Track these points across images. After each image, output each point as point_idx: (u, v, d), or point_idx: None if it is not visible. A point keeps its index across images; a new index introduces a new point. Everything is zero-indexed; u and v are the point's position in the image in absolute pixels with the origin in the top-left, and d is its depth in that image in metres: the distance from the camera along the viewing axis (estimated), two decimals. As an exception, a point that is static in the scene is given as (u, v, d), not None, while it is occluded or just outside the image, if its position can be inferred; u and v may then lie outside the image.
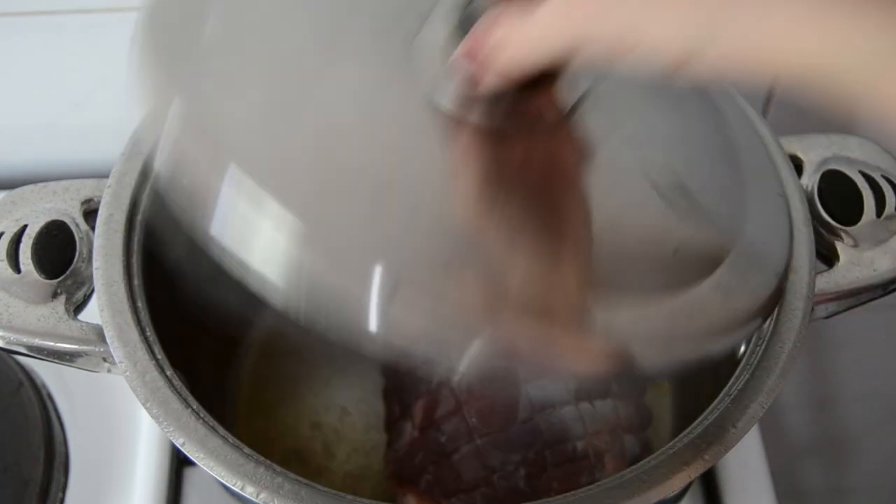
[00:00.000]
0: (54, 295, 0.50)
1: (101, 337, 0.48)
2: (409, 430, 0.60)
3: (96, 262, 0.50)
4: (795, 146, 0.56)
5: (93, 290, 0.50)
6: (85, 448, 0.68)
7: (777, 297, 0.46)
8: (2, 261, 0.50)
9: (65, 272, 0.51)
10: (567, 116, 0.41)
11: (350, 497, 0.43)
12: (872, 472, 1.21)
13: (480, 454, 0.57)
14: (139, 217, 0.52)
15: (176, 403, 0.45)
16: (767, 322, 0.49)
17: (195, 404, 0.46)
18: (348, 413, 0.69)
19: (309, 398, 0.70)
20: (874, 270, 0.53)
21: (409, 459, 0.59)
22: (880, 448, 1.19)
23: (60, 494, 0.65)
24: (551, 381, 0.59)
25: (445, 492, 0.57)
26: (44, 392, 0.69)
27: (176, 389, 0.46)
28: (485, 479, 0.57)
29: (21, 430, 0.66)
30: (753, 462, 0.69)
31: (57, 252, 0.51)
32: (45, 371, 0.71)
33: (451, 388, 0.59)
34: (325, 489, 0.43)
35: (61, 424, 0.68)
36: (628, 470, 0.44)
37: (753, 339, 0.49)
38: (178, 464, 0.68)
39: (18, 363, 0.69)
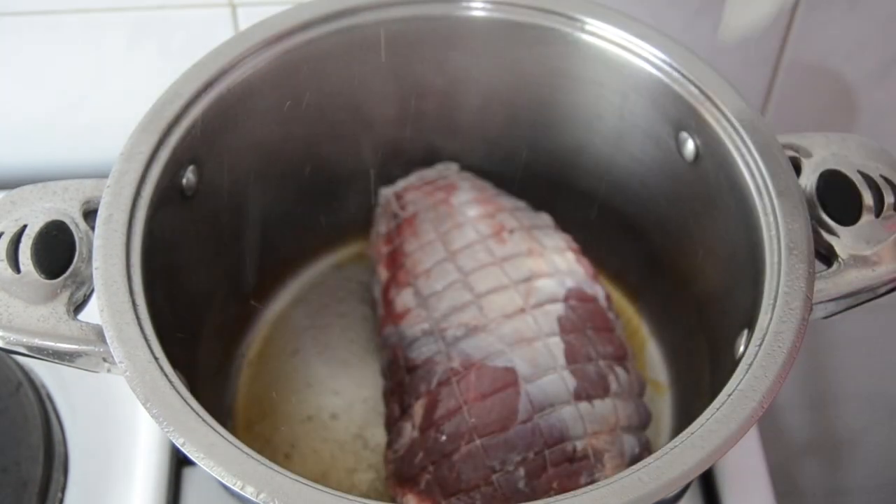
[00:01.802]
0: (54, 295, 0.50)
1: (100, 337, 0.48)
2: (409, 431, 0.60)
3: (96, 262, 0.49)
4: (794, 146, 0.56)
5: (92, 290, 0.50)
6: (84, 448, 0.68)
7: None
8: (1, 261, 0.50)
9: (64, 272, 0.51)
10: None
11: (350, 497, 0.43)
12: (871, 471, 1.22)
13: (480, 454, 0.57)
14: (139, 217, 0.52)
15: (176, 403, 0.45)
16: (766, 322, 0.49)
17: (195, 404, 0.46)
18: (348, 413, 0.69)
19: (309, 398, 0.70)
20: (873, 270, 0.53)
21: (408, 459, 0.60)
22: (879, 447, 1.19)
23: (60, 494, 0.65)
24: (551, 380, 0.59)
25: (445, 492, 0.58)
26: (43, 392, 0.69)
27: (176, 389, 0.46)
28: (485, 479, 0.57)
29: (20, 430, 0.66)
30: (752, 461, 0.69)
31: (57, 252, 0.51)
32: (44, 371, 0.71)
33: (451, 388, 0.59)
34: (326, 489, 0.43)
35: (60, 424, 0.68)
36: (628, 470, 0.44)
37: (753, 339, 0.49)
38: (178, 463, 0.68)
39: (18, 363, 0.70)
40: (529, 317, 0.61)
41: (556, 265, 0.64)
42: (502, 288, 0.62)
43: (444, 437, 0.58)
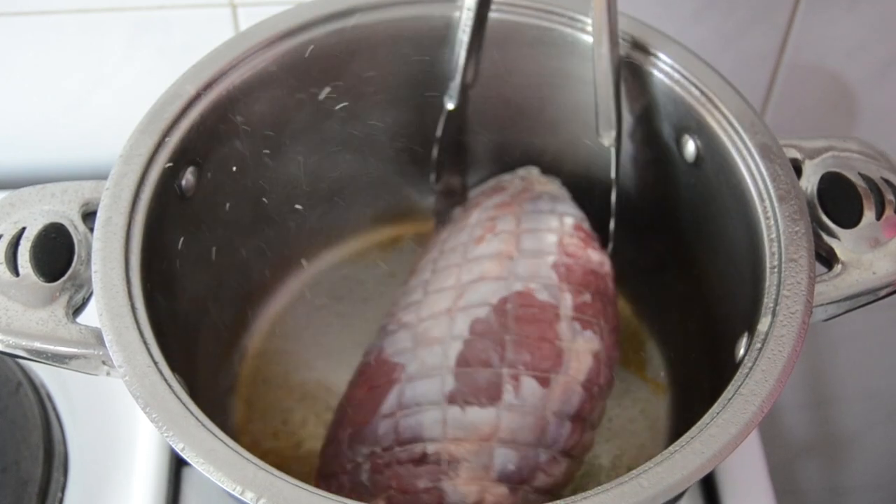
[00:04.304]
0: (53, 298, 0.50)
1: (99, 340, 0.48)
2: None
3: (95, 266, 0.49)
4: (795, 147, 0.56)
5: (91, 293, 0.50)
6: (84, 448, 0.68)
7: None
8: (0, 264, 0.50)
9: (63, 275, 0.51)
10: None
11: (350, 501, 0.43)
12: (870, 471, 1.22)
13: (344, 444, 0.59)
14: (138, 220, 0.52)
15: (175, 407, 0.45)
16: (767, 325, 0.49)
17: (194, 408, 0.46)
18: (347, 413, 0.69)
19: (308, 401, 0.70)
20: (874, 273, 0.53)
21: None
22: (878, 447, 1.19)
23: (59, 494, 0.65)
24: (429, 382, 0.59)
25: (322, 475, 0.61)
26: (43, 392, 0.69)
27: (175, 393, 0.46)
28: (341, 469, 0.58)
29: (20, 430, 0.66)
30: (752, 461, 0.69)
31: (55, 255, 0.51)
32: (44, 371, 0.71)
33: (355, 379, 0.62)
34: (325, 494, 0.43)
35: (60, 424, 0.68)
36: (628, 475, 0.44)
37: (753, 343, 0.49)
38: (178, 463, 0.68)
39: (18, 363, 0.69)
40: (449, 318, 0.60)
41: (515, 268, 0.62)
42: (446, 289, 0.62)
43: (337, 426, 0.61)
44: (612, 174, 0.62)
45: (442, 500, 0.56)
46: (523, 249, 0.64)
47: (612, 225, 0.64)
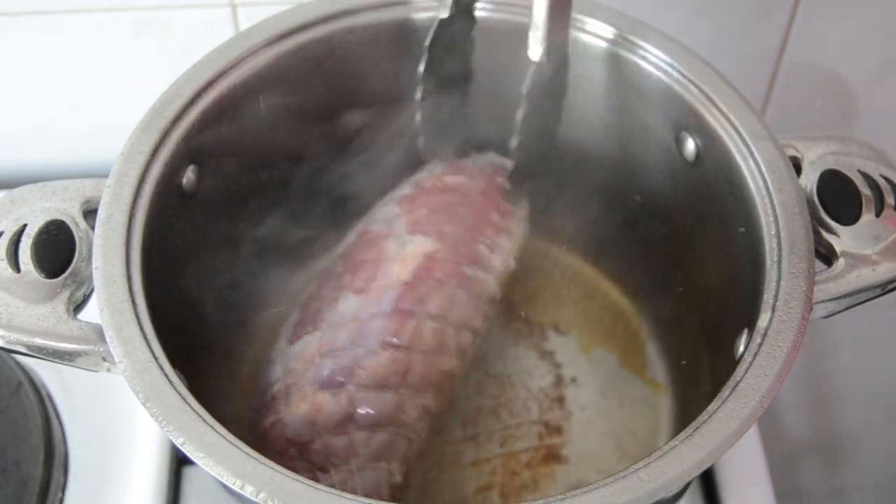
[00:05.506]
0: (54, 294, 0.50)
1: (100, 336, 0.48)
2: None
3: (96, 262, 0.50)
4: (794, 146, 0.57)
5: (92, 290, 0.50)
6: (84, 447, 0.68)
7: None
8: (1, 260, 0.50)
9: (64, 272, 0.51)
10: None
11: (350, 496, 0.43)
12: (871, 471, 1.22)
13: None
14: (139, 217, 0.52)
15: (176, 402, 0.45)
16: (766, 321, 0.49)
17: (195, 403, 0.46)
18: (347, 413, 0.69)
19: (308, 398, 0.70)
20: (873, 270, 0.53)
21: None
22: (879, 447, 1.19)
23: (60, 494, 0.65)
24: (282, 338, 0.62)
25: None
26: (43, 392, 0.69)
27: (175, 388, 0.46)
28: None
29: (20, 429, 0.66)
30: (752, 461, 0.69)
31: (56, 251, 0.51)
32: (44, 371, 0.71)
33: None
34: (325, 488, 0.43)
35: (61, 424, 0.68)
36: (627, 469, 0.44)
37: (752, 339, 0.49)
38: (178, 463, 0.68)
39: (18, 363, 0.70)
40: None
41: (372, 215, 0.66)
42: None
43: None
44: (524, 89, 0.61)
45: (283, 428, 0.58)
46: (386, 199, 0.67)
47: (513, 143, 0.64)
